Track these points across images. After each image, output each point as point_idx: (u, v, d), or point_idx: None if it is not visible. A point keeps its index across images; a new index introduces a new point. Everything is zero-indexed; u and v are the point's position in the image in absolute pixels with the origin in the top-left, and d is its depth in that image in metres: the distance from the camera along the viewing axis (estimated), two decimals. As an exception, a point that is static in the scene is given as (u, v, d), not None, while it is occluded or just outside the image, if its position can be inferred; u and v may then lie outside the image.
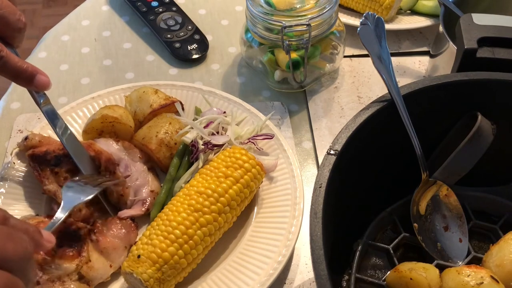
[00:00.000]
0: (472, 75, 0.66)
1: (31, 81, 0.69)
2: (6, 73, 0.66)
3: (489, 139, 0.66)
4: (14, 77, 0.67)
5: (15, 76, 0.67)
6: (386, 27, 1.05)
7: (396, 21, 1.07)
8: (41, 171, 0.75)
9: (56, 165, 0.75)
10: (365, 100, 0.97)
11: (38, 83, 0.69)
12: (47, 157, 0.75)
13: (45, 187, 0.74)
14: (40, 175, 0.74)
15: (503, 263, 0.62)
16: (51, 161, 0.75)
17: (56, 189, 0.74)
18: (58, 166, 0.75)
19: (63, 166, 0.75)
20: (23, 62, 0.67)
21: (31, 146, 0.77)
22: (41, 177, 0.74)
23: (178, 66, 1.04)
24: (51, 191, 0.74)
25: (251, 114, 0.87)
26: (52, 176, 0.75)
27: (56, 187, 0.74)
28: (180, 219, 0.68)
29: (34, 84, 0.69)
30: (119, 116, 0.82)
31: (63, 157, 0.76)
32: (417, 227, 0.68)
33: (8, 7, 0.65)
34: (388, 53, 0.68)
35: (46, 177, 0.74)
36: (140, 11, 1.11)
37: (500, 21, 0.72)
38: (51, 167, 0.75)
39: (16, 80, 0.68)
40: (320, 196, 0.55)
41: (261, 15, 0.87)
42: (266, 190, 0.79)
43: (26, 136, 0.78)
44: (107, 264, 0.70)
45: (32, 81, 0.69)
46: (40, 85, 0.69)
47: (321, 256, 0.50)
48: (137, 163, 0.80)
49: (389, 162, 0.67)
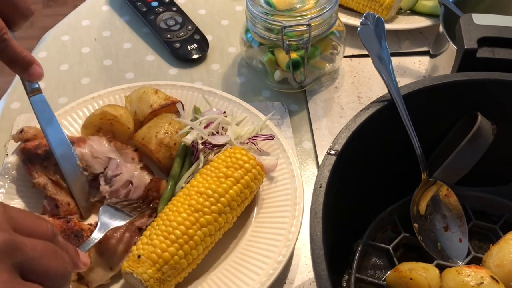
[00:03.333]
0: (472, 75, 0.66)
1: (27, 69, 0.70)
2: (4, 56, 0.67)
3: (489, 139, 0.66)
4: (11, 62, 0.68)
5: (12, 61, 0.68)
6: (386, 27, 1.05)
7: (396, 21, 1.07)
8: (31, 164, 0.75)
9: (45, 158, 0.75)
10: (365, 100, 0.97)
11: (33, 72, 0.70)
12: (38, 151, 0.76)
13: (34, 181, 0.74)
14: (30, 168, 0.75)
15: (503, 263, 0.62)
16: (41, 155, 0.76)
17: (45, 182, 0.74)
18: (47, 160, 0.75)
19: (52, 159, 0.76)
20: (22, 48, 0.68)
21: (26, 139, 0.78)
22: (30, 170, 0.75)
23: (178, 66, 1.04)
24: (41, 184, 0.74)
25: (251, 114, 0.87)
26: (41, 170, 0.75)
27: (45, 180, 0.75)
28: (181, 219, 0.68)
29: (28, 72, 0.70)
30: (119, 116, 0.82)
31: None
32: (417, 227, 0.68)
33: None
34: (388, 53, 0.68)
35: (35, 170, 0.75)
36: (140, 11, 1.11)
37: (500, 21, 0.72)
38: (41, 160, 0.75)
39: (12, 65, 0.69)
40: (320, 196, 0.55)
41: (261, 15, 0.87)
42: (266, 190, 0.79)
43: (21, 129, 0.78)
44: (108, 266, 0.69)
45: (27, 69, 0.70)
46: (33, 74, 0.70)
47: (321, 256, 0.50)
48: (128, 164, 0.80)
49: (389, 162, 0.67)
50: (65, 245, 0.50)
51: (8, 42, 0.66)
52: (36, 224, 0.47)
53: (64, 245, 0.50)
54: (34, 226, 0.47)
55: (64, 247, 0.49)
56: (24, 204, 0.77)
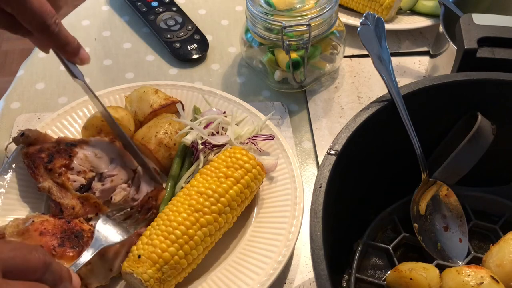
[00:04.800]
0: (472, 75, 0.66)
1: (77, 53, 0.74)
2: (57, 40, 0.71)
3: (489, 139, 0.66)
4: (63, 45, 0.72)
5: (64, 44, 0.72)
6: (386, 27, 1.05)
7: (396, 21, 1.07)
8: (35, 168, 0.75)
9: (49, 162, 0.75)
10: (365, 100, 0.97)
11: (82, 56, 0.74)
12: (41, 154, 0.76)
13: (39, 185, 0.74)
14: (34, 172, 0.75)
15: (503, 263, 0.62)
16: (45, 158, 0.75)
17: (50, 186, 0.74)
18: (51, 163, 0.75)
19: (56, 162, 0.75)
20: (70, 33, 0.72)
21: (28, 143, 0.78)
22: (35, 174, 0.75)
23: (178, 66, 1.04)
24: (46, 188, 0.74)
25: (251, 114, 0.87)
26: (46, 174, 0.75)
27: (50, 184, 0.74)
28: (181, 219, 0.68)
29: (79, 56, 0.74)
30: (120, 118, 0.82)
31: (56, 153, 0.76)
32: (417, 227, 0.68)
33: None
34: (388, 53, 0.68)
35: (40, 174, 0.75)
36: (140, 11, 1.11)
37: (500, 21, 0.72)
38: (45, 164, 0.75)
39: (64, 49, 0.72)
40: (320, 196, 0.55)
41: (261, 15, 0.87)
42: (266, 190, 0.79)
43: (22, 132, 0.78)
44: (107, 268, 0.69)
45: (77, 53, 0.74)
46: (83, 58, 0.75)
47: (321, 256, 0.50)
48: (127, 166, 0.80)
49: (389, 162, 0.67)
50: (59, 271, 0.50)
51: (61, 26, 0.70)
52: (26, 261, 0.47)
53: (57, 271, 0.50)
54: (24, 264, 0.47)
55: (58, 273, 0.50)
56: (24, 204, 0.77)
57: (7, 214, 0.74)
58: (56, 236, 0.68)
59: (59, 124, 0.85)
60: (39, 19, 0.67)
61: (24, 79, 1.01)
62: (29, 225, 0.69)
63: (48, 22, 0.68)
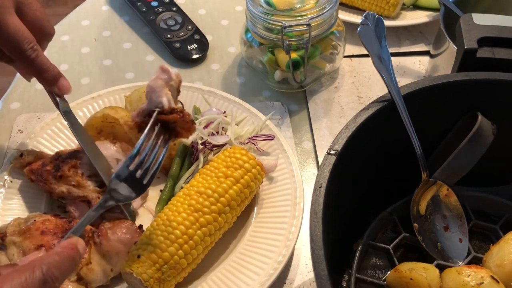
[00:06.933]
0: (472, 75, 0.66)
1: (55, 82, 0.72)
2: (34, 67, 0.69)
3: (489, 139, 0.66)
4: (41, 72, 0.70)
5: (41, 71, 0.70)
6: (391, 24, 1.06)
7: (400, 17, 1.08)
8: (46, 181, 0.74)
9: (57, 170, 0.75)
10: (365, 100, 0.97)
11: (61, 85, 0.72)
12: (46, 168, 0.75)
13: (56, 191, 0.74)
14: (46, 184, 0.74)
15: (503, 263, 0.62)
16: (51, 170, 0.75)
17: (68, 187, 0.74)
18: (59, 171, 0.74)
19: (65, 168, 0.75)
20: (50, 62, 0.70)
21: (27, 163, 0.77)
22: (47, 186, 0.74)
23: (178, 66, 1.04)
24: (65, 192, 0.74)
25: (251, 114, 0.87)
26: (57, 182, 0.74)
27: (67, 187, 0.74)
28: (180, 219, 0.68)
29: (58, 85, 0.72)
30: (120, 118, 0.82)
31: (61, 162, 0.75)
32: (417, 227, 0.68)
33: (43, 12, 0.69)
34: (388, 53, 0.68)
35: (52, 183, 0.74)
36: (140, 11, 1.11)
37: (500, 21, 0.72)
38: (53, 174, 0.75)
39: (41, 77, 0.71)
40: (320, 196, 0.54)
41: (261, 15, 0.87)
42: (266, 190, 0.79)
43: (21, 153, 0.78)
44: (108, 268, 0.69)
45: (56, 82, 0.72)
46: (62, 87, 0.72)
47: (321, 256, 0.50)
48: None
49: (389, 162, 0.67)
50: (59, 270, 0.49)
51: (38, 52, 0.68)
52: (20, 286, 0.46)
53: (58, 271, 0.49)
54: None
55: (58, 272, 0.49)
56: (24, 204, 0.77)
57: (7, 214, 0.74)
58: (57, 236, 0.68)
59: (59, 124, 0.85)
60: (15, 43, 0.66)
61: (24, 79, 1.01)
62: (30, 224, 0.69)
63: (23, 47, 0.67)
